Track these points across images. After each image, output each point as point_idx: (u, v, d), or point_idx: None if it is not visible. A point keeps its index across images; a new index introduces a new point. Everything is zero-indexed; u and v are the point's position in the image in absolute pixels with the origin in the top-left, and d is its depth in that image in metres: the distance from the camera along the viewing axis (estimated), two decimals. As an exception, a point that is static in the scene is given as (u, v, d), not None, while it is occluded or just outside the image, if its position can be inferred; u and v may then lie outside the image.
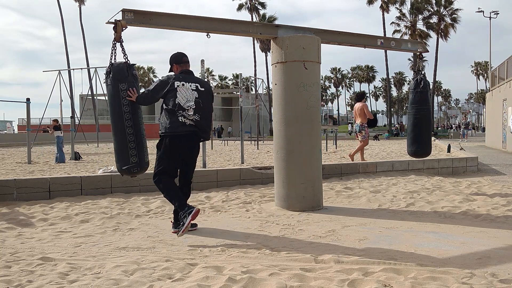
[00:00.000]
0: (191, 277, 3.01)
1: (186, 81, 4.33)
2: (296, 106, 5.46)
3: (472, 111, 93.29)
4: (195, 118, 4.27)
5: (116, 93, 4.40)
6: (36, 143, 24.13)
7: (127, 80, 4.42)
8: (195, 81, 4.40)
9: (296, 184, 5.48)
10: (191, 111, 4.25)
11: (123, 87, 4.39)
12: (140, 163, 4.49)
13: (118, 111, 4.40)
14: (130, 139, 4.41)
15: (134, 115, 4.43)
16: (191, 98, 4.28)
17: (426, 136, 7.00)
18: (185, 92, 4.26)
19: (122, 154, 4.45)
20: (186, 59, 4.54)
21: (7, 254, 3.58)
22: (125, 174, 4.57)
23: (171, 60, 4.54)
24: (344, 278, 2.92)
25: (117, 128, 4.44)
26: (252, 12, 54.85)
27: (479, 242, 3.93)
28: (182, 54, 4.58)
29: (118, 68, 4.43)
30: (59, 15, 46.97)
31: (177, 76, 4.36)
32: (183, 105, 4.23)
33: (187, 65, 4.53)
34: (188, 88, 4.30)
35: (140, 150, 4.48)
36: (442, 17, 49.56)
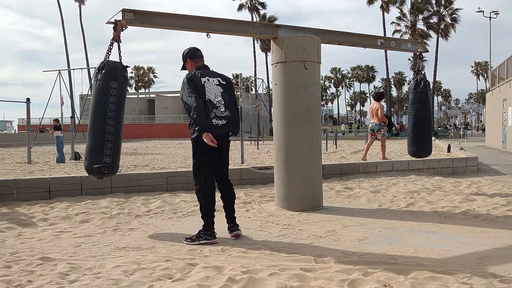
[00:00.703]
0: (191, 277, 3.01)
1: (209, 76, 4.11)
2: (296, 106, 5.46)
3: (472, 111, 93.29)
4: (227, 114, 4.07)
5: (105, 90, 4.32)
6: (36, 143, 24.12)
7: (118, 80, 4.37)
8: (216, 76, 4.18)
9: (296, 184, 5.48)
10: (222, 107, 4.05)
11: (114, 85, 4.32)
12: (112, 165, 4.38)
13: (103, 108, 4.31)
14: (109, 138, 4.31)
15: (117, 116, 4.36)
16: (218, 93, 4.07)
17: (426, 136, 7.00)
18: (212, 88, 4.06)
19: (96, 152, 4.33)
20: (200, 53, 4.30)
21: (7, 254, 3.58)
22: (93, 173, 4.42)
23: (185, 56, 4.27)
24: (344, 278, 2.92)
25: (98, 125, 4.32)
26: (252, 12, 54.88)
27: (479, 242, 3.93)
28: (196, 48, 4.32)
29: (112, 66, 4.38)
30: (59, 15, 47.06)
31: (199, 73, 4.10)
32: (214, 102, 4.01)
33: (202, 59, 4.29)
34: (212, 83, 4.09)
35: (115, 152, 4.39)
36: (442, 17, 49.57)
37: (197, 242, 3.93)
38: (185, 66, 4.32)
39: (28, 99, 13.36)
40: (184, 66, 4.32)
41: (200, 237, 3.96)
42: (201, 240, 3.93)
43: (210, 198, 4.09)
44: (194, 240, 3.97)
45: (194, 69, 4.20)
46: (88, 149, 4.44)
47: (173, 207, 5.73)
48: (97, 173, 4.39)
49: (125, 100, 4.55)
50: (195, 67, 4.21)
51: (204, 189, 4.08)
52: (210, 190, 4.10)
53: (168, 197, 6.36)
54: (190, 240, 3.99)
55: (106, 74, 4.33)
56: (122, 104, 4.45)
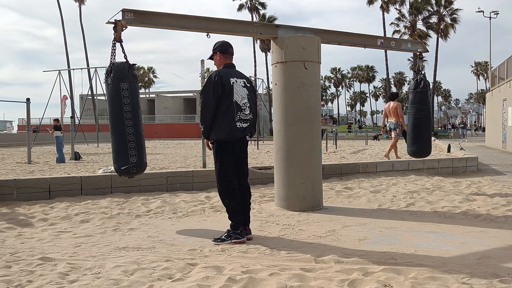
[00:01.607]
0: (191, 277, 3.01)
1: (237, 77, 4.03)
2: (296, 106, 5.45)
3: (472, 111, 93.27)
4: (250, 117, 4.05)
5: (117, 92, 4.38)
6: (36, 143, 24.12)
7: (128, 80, 4.42)
8: (242, 77, 4.10)
9: (296, 184, 5.48)
10: (247, 110, 4.01)
11: (124, 86, 4.38)
12: (139, 164, 4.47)
13: (118, 110, 4.39)
14: (130, 139, 4.39)
15: (134, 115, 4.43)
16: (245, 95, 4.01)
17: (426, 136, 7.00)
18: (239, 90, 3.99)
19: (122, 154, 4.43)
20: (232, 51, 4.17)
21: (7, 254, 3.58)
22: (123, 174, 4.54)
23: (217, 48, 4.15)
24: (344, 278, 2.92)
25: (117, 127, 4.41)
26: (252, 12, 54.85)
27: (479, 242, 3.93)
28: (229, 44, 4.18)
29: (119, 67, 4.42)
30: (59, 15, 47.12)
31: (229, 72, 4.01)
32: (240, 104, 3.96)
33: (231, 57, 4.17)
34: (240, 85, 4.01)
35: (139, 150, 4.47)
36: (442, 17, 49.56)
37: (228, 241, 3.92)
38: (212, 57, 4.21)
39: (28, 99, 13.36)
40: (211, 57, 4.22)
41: (230, 236, 3.95)
42: (232, 239, 3.93)
43: (236, 198, 4.05)
44: (224, 240, 3.95)
45: (222, 65, 4.13)
46: (114, 153, 4.54)
47: (173, 207, 5.73)
48: (127, 173, 4.49)
49: (138, 97, 4.61)
50: (224, 63, 4.13)
51: (228, 190, 4.05)
52: (235, 190, 4.06)
53: (168, 197, 6.36)
54: (220, 240, 3.96)
55: (115, 77, 4.39)
56: (136, 102, 4.50)
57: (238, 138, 4.00)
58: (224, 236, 3.99)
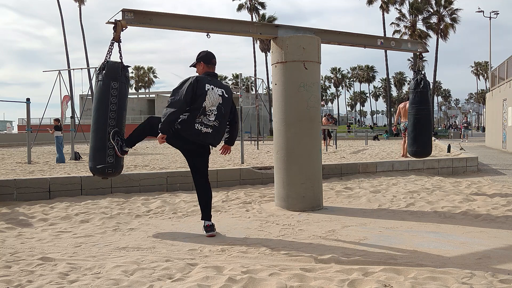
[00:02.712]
0: (191, 277, 3.01)
1: (215, 85, 4.20)
2: (296, 106, 5.46)
3: (472, 111, 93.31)
4: (214, 124, 4.17)
5: (106, 90, 4.34)
6: (36, 143, 24.12)
7: (119, 80, 4.39)
8: (221, 87, 4.27)
9: (296, 184, 5.48)
10: (213, 116, 4.15)
11: (115, 86, 4.35)
12: (115, 165, 4.42)
13: (104, 108, 4.34)
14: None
15: (118, 116, 4.39)
16: (216, 103, 4.16)
17: (426, 136, 7.00)
18: (213, 97, 4.14)
19: (99, 153, 4.37)
20: (215, 61, 4.38)
21: (7, 254, 3.58)
22: (97, 173, 4.46)
23: (200, 58, 4.34)
24: (344, 278, 2.92)
25: (99, 125, 4.36)
26: (252, 12, 54.85)
27: (479, 242, 3.93)
28: (213, 54, 4.38)
29: (113, 66, 4.40)
30: (58, 14, 47.18)
31: (208, 79, 4.19)
32: (206, 109, 4.10)
33: (214, 67, 4.37)
34: (216, 93, 4.17)
35: None
36: (441, 17, 49.56)
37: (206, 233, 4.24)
38: (195, 65, 4.37)
39: (28, 99, 13.36)
40: (194, 65, 4.39)
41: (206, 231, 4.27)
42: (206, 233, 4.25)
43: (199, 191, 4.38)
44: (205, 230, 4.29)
45: (203, 73, 4.27)
46: (91, 150, 4.47)
47: (173, 207, 5.73)
48: (101, 173, 4.42)
49: (126, 100, 4.55)
50: (205, 72, 4.29)
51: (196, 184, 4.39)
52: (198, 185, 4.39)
53: (168, 197, 6.36)
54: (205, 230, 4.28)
55: (107, 75, 4.35)
56: (123, 104, 4.46)
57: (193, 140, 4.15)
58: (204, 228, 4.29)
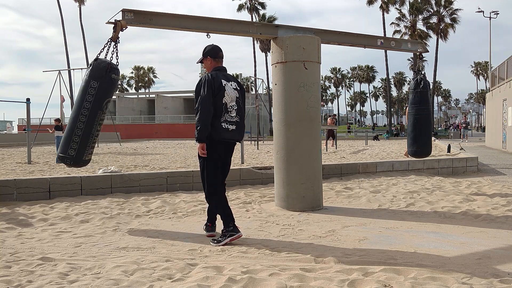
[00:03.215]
0: (191, 277, 3.01)
1: (228, 79, 4.06)
2: (296, 106, 5.46)
3: (472, 111, 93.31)
4: (237, 120, 4.03)
5: (85, 87, 4.50)
6: (36, 143, 24.12)
7: (101, 80, 4.45)
8: (234, 80, 4.13)
9: (296, 184, 5.48)
10: (234, 112, 4.01)
11: (94, 85, 4.45)
12: (75, 158, 4.59)
13: (79, 104, 4.52)
14: (77, 133, 4.52)
15: (91, 114, 4.50)
16: (234, 98, 4.02)
17: (426, 137, 7.00)
18: (230, 92, 4.00)
19: (65, 143, 4.59)
20: (222, 54, 4.19)
21: (7, 254, 3.58)
22: (59, 160, 4.74)
23: (207, 53, 4.17)
24: (344, 278, 2.92)
25: (72, 118, 4.58)
26: (252, 12, 54.85)
27: (479, 242, 3.93)
28: (219, 48, 4.20)
29: (98, 66, 4.48)
30: (57, 14, 47.22)
31: (220, 74, 4.04)
32: (228, 106, 3.97)
33: (222, 60, 4.19)
34: (230, 87, 4.03)
35: (81, 147, 4.57)
36: (441, 18, 49.56)
37: (224, 241, 3.91)
38: (202, 61, 4.22)
39: (28, 99, 13.35)
40: (201, 61, 4.24)
41: (224, 236, 3.94)
42: (226, 238, 3.91)
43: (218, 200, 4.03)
44: (220, 241, 3.93)
45: (212, 68, 4.14)
46: (62, 138, 4.71)
47: (173, 207, 5.73)
48: (62, 161, 4.67)
49: (105, 100, 4.59)
50: (214, 67, 4.14)
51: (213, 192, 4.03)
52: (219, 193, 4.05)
53: (168, 197, 6.36)
54: (217, 241, 3.95)
55: (91, 73, 4.49)
56: (99, 104, 4.53)
57: (223, 138, 3.97)
58: (220, 236, 3.98)
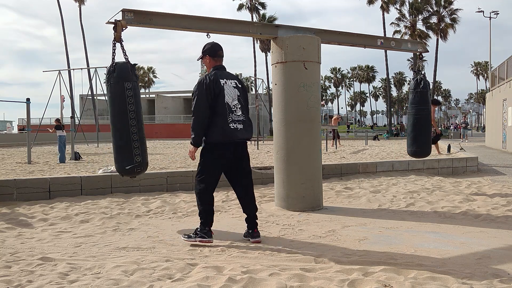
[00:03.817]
0: (191, 277, 3.01)
1: (227, 78, 4.01)
2: (296, 106, 5.46)
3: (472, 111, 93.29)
4: (243, 118, 3.98)
5: (121, 92, 4.35)
6: (36, 143, 24.12)
7: (131, 79, 4.41)
8: (232, 78, 4.08)
9: (296, 184, 5.48)
10: (239, 111, 3.96)
11: (128, 86, 4.36)
12: (142, 163, 4.46)
13: (122, 110, 4.35)
14: (134, 138, 4.35)
15: (138, 115, 4.42)
16: (235, 97, 3.97)
17: (426, 136, 7.00)
18: (230, 91, 3.96)
19: (126, 154, 4.37)
20: (221, 53, 4.13)
21: (7, 254, 3.58)
22: (126, 174, 4.50)
23: (205, 51, 4.13)
24: (344, 278, 2.92)
25: (121, 127, 4.35)
26: (252, 12, 54.85)
27: (479, 242, 3.93)
28: (218, 46, 4.14)
29: (122, 67, 4.42)
30: (58, 14, 47.16)
31: (217, 74, 3.98)
32: (231, 105, 3.92)
33: (221, 59, 4.13)
34: (230, 86, 3.98)
35: (143, 150, 4.47)
36: (441, 18, 49.56)
37: (193, 239, 3.91)
38: (203, 60, 4.18)
39: (28, 99, 13.34)
40: (200, 59, 4.21)
41: (196, 234, 3.93)
42: (196, 238, 3.90)
43: (207, 199, 4.00)
44: (190, 237, 3.95)
45: (211, 67, 4.10)
46: (117, 153, 4.48)
47: (173, 207, 5.73)
48: (131, 173, 4.47)
49: (140, 97, 4.59)
50: (213, 66, 4.09)
51: (202, 190, 4.00)
52: (209, 193, 4.01)
53: (168, 197, 6.36)
54: (187, 236, 3.97)
55: (118, 76, 4.36)
56: (139, 102, 4.50)
57: (235, 140, 3.93)
58: (192, 233, 3.97)
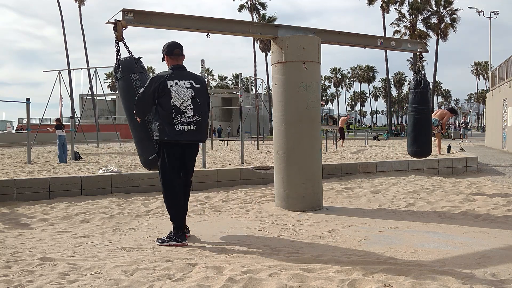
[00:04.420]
0: (191, 277, 3.01)
1: (180, 78, 3.95)
2: (296, 106, 5.46)
3: (472, 111, 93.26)
4: (195, 119, 3.95)
5: (129, 84, 4.34)
6: (36, 143, 24.12)
7: (137, 71, 4.41)
8: (189, 78, 4.00)
9: (296, 184, 5.48)
10: (190, 112, 3.93)
11: (135, 77, 4.35)
12: None
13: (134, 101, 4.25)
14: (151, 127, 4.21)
15: None
16: (188, 97, 3.92)
17: (426, 136, 7.00)
18: (180, 92, 3.90)
19: (147, 145, 4.30)
20: (178, 51, 4.07)
21: (7, 254, 3.58)
22: (151, 166, 4.39)
23: (163, 50, 4.11)
24: (344, 278, 2.92)
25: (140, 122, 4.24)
26: (252, 12, 54.87)
27: (479, 242, 3.93)
28: (175, 44, 4.10)
29: (126, 61, 4.45)
30: (58, 14, 47.10)
31: (169, 75, 3.94)
32: (179, 107, 3.89)
33: (179, 58, 4.08)
34: (182, 86, 3.92)
35: None
36: (441, 18, 49.55)
37: (167, 243, 3.90)
38: (163, 59, 4.17)
39: (28, 99, 13.34)
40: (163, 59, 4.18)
41: (170, 238, 3.92)
42: (171, 242, 3.90)
43: (174, 203, 4.03)
44: (164, 241, 3.93)
45: (169, 67, 4.07)
46: (138, 145, 4.43)
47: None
48: (155, 164, 4.31)
49: None
50: (171, 65, 4.06)
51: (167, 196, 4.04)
52: (174, 195, 4.03)
53: (168, 197, 6.35)
54: (161, 241, 3.95)
55: (124, 70, 4.37)
56: None
57: (181, 141, 3.94)
58: (166, 237, 3.96)
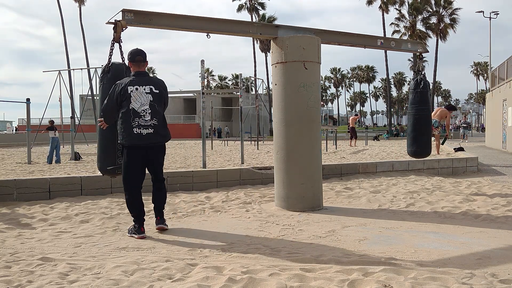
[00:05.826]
0: (191, 277, 3.01)
1: (140, 84, 4.15)
2: (296, 106, 5.46)
3: (472, 111, 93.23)
4: (153, 122, 4.16)
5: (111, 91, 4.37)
6: (36, 143, 24.11)
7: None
8: (149, 83, 4.21)
9: (296, 184, 5.48)
10: (148, 116, 4.14)
11: None
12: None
13: None
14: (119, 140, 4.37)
15: None
16: (146, 102, 4.14)
17: (426, 137, 7.00)
18: (139, 97, 4.12)
19: (108, 154, 4.48)
20: (140, 58, 4.25)
21: (7, 254, 3.58)
22: (107, 174, 4.61)
23: (127, 57, 4.32)
24: (344, 278, 2.92)
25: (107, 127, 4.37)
26: (252, 13, 54.85)
27: (479, 242, 3.93)
28: (137, 52, 4.28)
29: (117, 68, 4.43)
30: (58, 14, 47.12)
31: (130, 80, 4.16)
32: (137, 110, 4.11)
33: (140, 65, 4.26)
34: (142, 92, 4.14)
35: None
36: (441, 18, 49.54)
37: (129, 235, 4.27)
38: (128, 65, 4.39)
39: (28, 99, 13.35)
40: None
41: (129, 232, 4.30)
42: (132, 234, 4.24)
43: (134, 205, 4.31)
44: (129, 232, 4.30)
45: (132, 73, 4.28)
46: (100, 151, 4.55)
47: (173, 207, 5.73)
48: (111, 173, 4.56)
49: None
50: (134, 71, 4.26)
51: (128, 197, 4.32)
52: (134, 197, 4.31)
53: (168, 197, 6.33)
54: (128, 231, 4.33)
55: (112, 77, 4.38)
56: None
57: (140, 144, 4.17)
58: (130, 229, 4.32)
